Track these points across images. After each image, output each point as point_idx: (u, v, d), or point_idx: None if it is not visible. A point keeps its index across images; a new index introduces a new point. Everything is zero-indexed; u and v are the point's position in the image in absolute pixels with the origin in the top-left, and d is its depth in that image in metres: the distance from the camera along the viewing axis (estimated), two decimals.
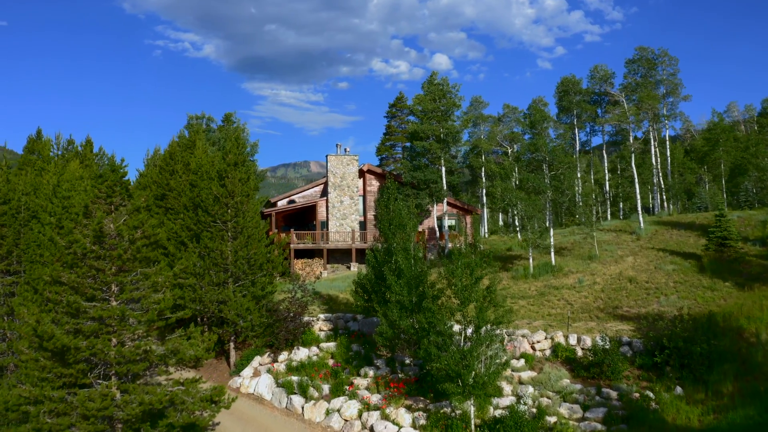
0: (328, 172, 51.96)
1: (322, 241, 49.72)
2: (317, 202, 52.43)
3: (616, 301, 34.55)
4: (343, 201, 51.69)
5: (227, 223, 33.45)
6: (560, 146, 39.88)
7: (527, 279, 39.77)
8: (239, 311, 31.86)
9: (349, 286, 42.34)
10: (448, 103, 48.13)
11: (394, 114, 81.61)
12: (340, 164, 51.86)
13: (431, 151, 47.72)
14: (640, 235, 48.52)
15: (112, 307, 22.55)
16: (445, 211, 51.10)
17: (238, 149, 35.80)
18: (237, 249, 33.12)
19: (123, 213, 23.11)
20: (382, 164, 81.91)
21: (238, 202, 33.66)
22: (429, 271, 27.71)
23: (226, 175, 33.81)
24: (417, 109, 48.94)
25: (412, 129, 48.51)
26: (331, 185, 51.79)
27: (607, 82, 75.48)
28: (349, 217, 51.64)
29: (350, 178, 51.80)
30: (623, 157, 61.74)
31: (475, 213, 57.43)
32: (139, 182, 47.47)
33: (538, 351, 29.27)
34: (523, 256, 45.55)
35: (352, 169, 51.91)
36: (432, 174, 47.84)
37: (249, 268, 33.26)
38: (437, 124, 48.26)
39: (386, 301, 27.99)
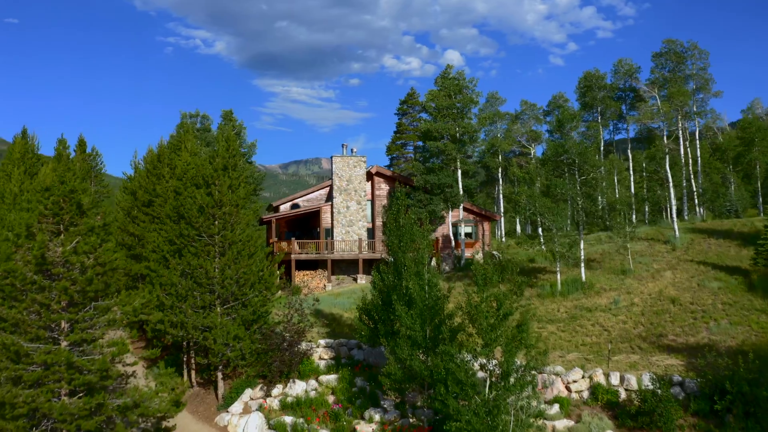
0: (334, 175, 47.69)
1: (326, 250, 45.48)
2: (321, 208, 48.19)
3: (659, 328, 30.07)
4: (349, 206, 47.43)
5: (214, 236, 29.25)
6: (591, 148, 35.37)
7: (554, 297, 35.35)
8: (226, 340, 27.67)
9: (354, 303, 38.08)
10: (464, 99, 43.72)
11: (406, 111, 77.22)
12: (346, 166, 47.59)
13: (446, 152, 43.33)
14: (676, 245, 43.95)
15: (59, 350, 18.39)
16: (462, 218, 46.71)
17: (229, 151, 31.62)
18: (225, 267, 28.93)
19: (74, 234, 18.94)
20: (393, 164, 77.55)
21: (226, 213, 29.45)
22: (446, 297, 23.36)
23: (213, 182, 29.60)
24: (430, 106, 44.54)
25: (424, 128, 44.14)
26: (337, 189, 47.54)
27: (632, 77, 70.86)
28: (356, 224, 47.38)
29: (357, 181, 47.52)
30: (653, 157, 57.06)
31: (493, 219, 53.02)
32: (126, 186, 43.49)
33: (575, 393, 24.86)
34: (548, 269, 41.11)
35: (360, 172, 47.62)
36: (447, 177, 43.47)
37: (239, 288, 29.05)
38: (452, 123, 43.86)
39: (394, 333, 23.70)
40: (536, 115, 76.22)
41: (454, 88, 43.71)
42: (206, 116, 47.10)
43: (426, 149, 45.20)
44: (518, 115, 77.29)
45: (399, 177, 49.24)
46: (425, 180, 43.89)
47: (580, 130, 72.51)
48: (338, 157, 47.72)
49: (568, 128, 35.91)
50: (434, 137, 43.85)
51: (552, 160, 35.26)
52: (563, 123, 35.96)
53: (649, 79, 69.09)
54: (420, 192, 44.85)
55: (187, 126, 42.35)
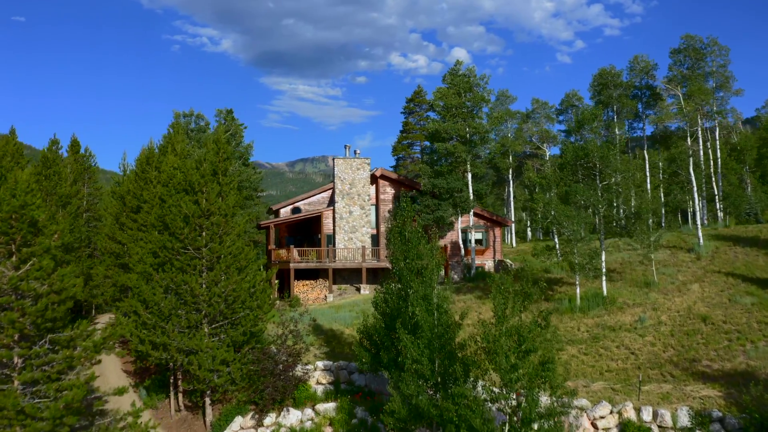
0: (335, 178, 44.97)
1: (327, 259, 42.77)
2: (322, 213, 45.48)
3: (691, 351, 27.24)
4: (352, 211, 44.70)
5: (201, 249, 26.57)
6: (614, 151, 32.48)
7: (573, 314, 32.56)
8: (212, 365, 24.99)
9: (357, 317, 35.37)
10: (475, 98, 40.88)
11: (412, 110, 74.47)
12: (348, 169, 44.86)
13: (455, 154, 40.50)
14: (700, 253, 41.09)
15: (8, 391, 15.75)
16: (471, 224, 43.92)
17: (219, 155, 28.95)
18: (212, 283, 26.24)
19: (26, 255, 16.28)
20: (399, 165, 74.75)
21: (215, 223, 26.76)
22: (459, 325, 20.58)
23: (200, 189, 26.91)
24: (438, 104, 41.72)
25: (432, 128, 41.33)
26: (339, 193, 44.81)
27: (649, 74, 67.91)
28: (360, 230, 44.65)
29: (361, 184, 44.78)
30: (672, 159, 54.13)
31: (504, 225, 50.23)
32: (114, 191, 40.94)
33: (602, 430, 22.09)
34: (564, 280, 38.32)
35: (363, 175, 44.88)
36: (456, 181, 40.65)
37: (227, 306, 26.36)
38: (462, 123, 41.05)
39: (399, 365, 20.96)
40: (548, 114, 73.36)
41: (464, 86, 40.86)
42: (201, 116, 44.52)
43: (434, 151, 42.40)
44: (529, 114, 74.42)
45: (405, 180, 46.50)
46: (433, 184, 41.10)
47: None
48: (340, 159, 45.02)
49: (588, 129, 33.07)
50: (443, 138, 41.04)
51: (571, 164, 32.43)
52: (583, 123, 33.13)
53: (667, 77, 66.04)
54: (427, 197, 42.08)
55: (178, 126, 39.65)
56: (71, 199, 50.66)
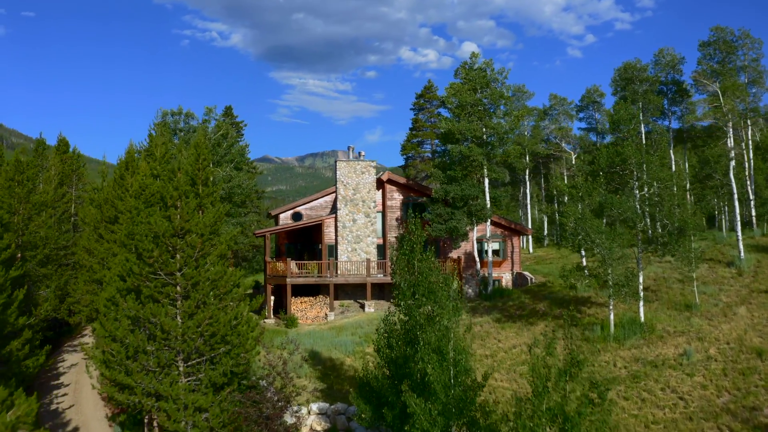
0: (338, 183, 40.93)
1: (328, 272, 38.73)
2: (323, 221, 41.46)
3: (750, 396, 23.09)
4: (356, 219, 40.66)
5: (174, 274, 22.59)
6: (656, 156, 28.25)
7: (607, 343, 28.44)
8: (184, 416, 21.05)
9: (359, 345, 31.41)
10: (492, 95, 36.68)
11: (422, 106, 70.28)
12: (352, 173, 40.80)
13: (470, 157, 36.29)
14: (741, 268, 36.90)
15: None
16: (488, 233, 39.78)
17: (199, 162, 25.01)
18: (187, 315, 22.28)
19: None
20: (408, 165, 70.62)
21: (190, 244, 22.78)
22: (481, 386, 16.49)
23: (174, 203, 22.91)
24: (451, 102, 37.49)
25: (445, 128, 37.11)
26: (341, 199, 40.77)
27: (675, 68, 63.45)
28: (364, 240, 40.62)
29: (365, 190, 40.72)
30: (706, 161, 49.87)
31: (524, 233, 46.07)
32: (92, 198, 37.16)
33: None
34: (593, 300, 34.19)
35: (368, 179, 40.81)
36: (471, 188, 36.50)
37: (205, 342, 22.40)
38: (478, 122, 36.88)
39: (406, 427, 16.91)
40: (567, 111, 69.03)
41: (480, 81, 36.66)
42: (191, 114, 40.51)
43: (446, 153, 38.22)
44: (546, 111, 70.11)
45: (414, 186, 42.36)
46: (445, 191, 36.95)
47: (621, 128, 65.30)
48: (343, 162, 40.97)
49: (626, 131, 28.86)
50: (456, 139, 36.84)
51: (605, 171, 28.25)
52: (619, 124, 28.90)
53: (697, 71, 61.63)
54: (439, 205, 37.93)
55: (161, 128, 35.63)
56: (57, 203, 47.08)
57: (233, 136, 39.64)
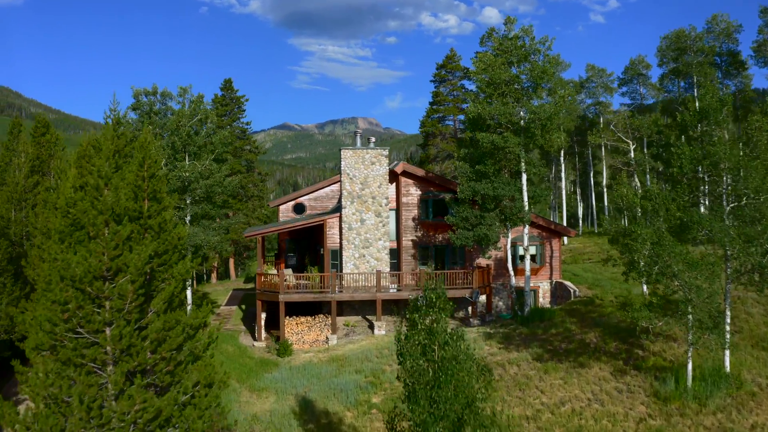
0: (342, 175, 34.14)
1: (329, 288, 32.08)
2: (325, 221, 34.76)
3: None
4: (364, 220, 33.94)
5: (100, 333, 16.10)
6: (759, 157, 21.06)
7: (684, 401, 21.65)
8: None
9: (364, 391, 24.88)
10: (533, 70, 29.36)
11: (444, 78, 62.80)
12: (360, 163, 33.95)
13: (506, 149, 29.15)
14: None
15: None
16: (525, 236, 32.79)
17: (143, 170, 18.38)
18: (122, 397, 15.81)
19: None
20: (428, 144, 63.46)
21: (121, 293, 16.20)
22: None
23: (96, 234, 16.29)
24: (481, 78, 30.15)
25: (473, 112, 29.81)
26: (347, 195, 34.00)
27: (731, 37, 55.48)
28: (374, 245, 33.93)
29: (376, 184, 33.90)
30: None
31: (566, 235, 39.09)
32: (46, 200, 30.85)
33: None
34: (657, 330, 27.25)
35: (379, 171, 33.95)
36: (505, 187, 29.45)
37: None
38: (515, 104, 29.71)
39: None
40: (605, 83, 61.34)
41: (518, 53, 29.39)
42: (168, 94, 33.53)
43: (474, 143, 31.00)
44: (583, 83, 62.49)
45: (435, 179, 35.35)
46: (473, 189, 29.90)
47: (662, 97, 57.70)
48: (348, 150, 34.06)
49: (713, 122, 21.66)
50: (487, 126, 29.69)
51: (688, 177, 21.17)
52: (706, 115, 21.69)
53: (757, 41, 53.72)
54: (466, 207, 30.93)
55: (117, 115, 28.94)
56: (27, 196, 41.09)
57: (214, 121, 32.80)
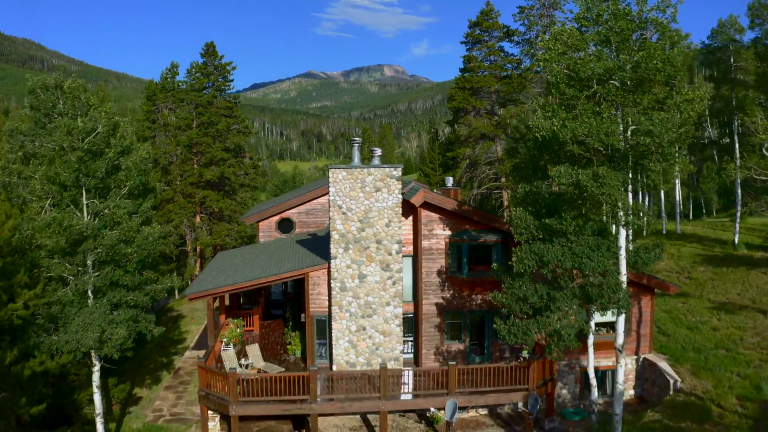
0: (332, 208, 22.39)
1: (309, 396, 20.65)
2: (307, 274, 23.20)
3: None
4: (365, 275, 22.37)
5: None
6: None
7: None
8: None
9: None
10: (650, 58, 16.80)
11: (478, 39, 50.02)
12: (358, 190, 22.21)
13: (601, 193, 16.58)
14: None
15: None
16: (621, 332, 20.77)
17: None
18: None
19: None
20: (458, 121, 51.08)
21: None
22: None
23: None
24: (559, 72, 17.32)
25: (543, 130, 16.91)
26: (339, 239, 22.33)
27: None
28: (379, 312, 22.45)
29: (382, 221, 22.18)
30: None
31: (663, 291, 26.83)
32: None
33: None
34: None
35: (387, 201, 22.16)
36: (593, 255, 17.24)
37: None
38: (616, 115, 17.14)
39: None
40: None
41: (623, 26, 16.88)
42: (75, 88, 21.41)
43: (536, 171, 18.61)
44: None
45: (474, 213, 23.24)
46: (539, 257, 17.74)
47: None
48: (339, 170, 22.23)
49: None
50: (567, 154, 17.10)
51: None
52: None
53: None
54: (525, 281, 18.79)
55: None
56: None
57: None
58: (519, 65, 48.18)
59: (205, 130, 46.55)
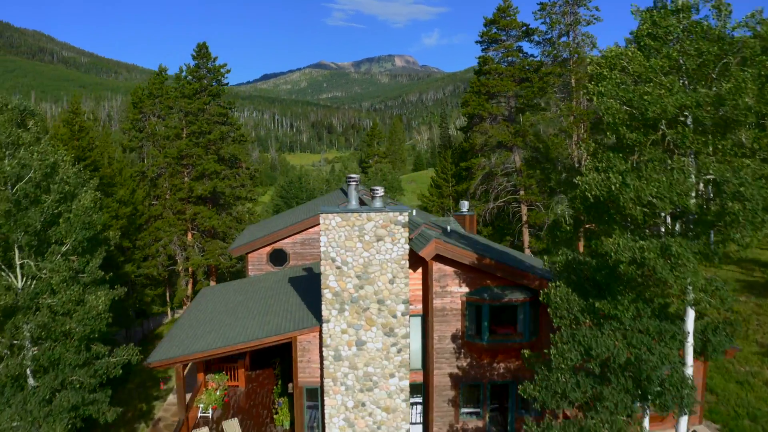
0: (323, 260, 18.39)
1: None
2: (294, 338, 19.30)
3: None
4: (363, 341, 18.40)
5: None
6: None
7: None
8: None
9: None
10: (736, 90, 13.01)
11: (494, 38, 45.76)
12: (355, 240, 18.19)
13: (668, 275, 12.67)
14: None
15: None
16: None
17: None
18: None
19: None
20: (471, 129, 46.94)
21: None
22: None
23: None
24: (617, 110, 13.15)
25: (597, 189, 12.91)
26: (332, 299, 18.36)
27: None
28: (381, 385, 18.49)
29: (385, 277, 18.19)
30: None
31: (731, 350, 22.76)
32: None
33: None
34: None
35: (392, 253, 18.14)
36: (655, 351, 13.25)
37: None
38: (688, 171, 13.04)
39: None
40: None
41: (699, 46, 13.00)
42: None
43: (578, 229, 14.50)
44: None
45: (497, 268, 19.16)
46: (584, 348, 13.65)
47: None
48: (333, 216, 18.22)
49: None
50: (625, 218, 12.85)
51: None
52: None
53: None
54: (570, 343, 14.63)
55: None
56: None
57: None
58: (540, 67, 43.91)
59: (195, 140, 42.61)
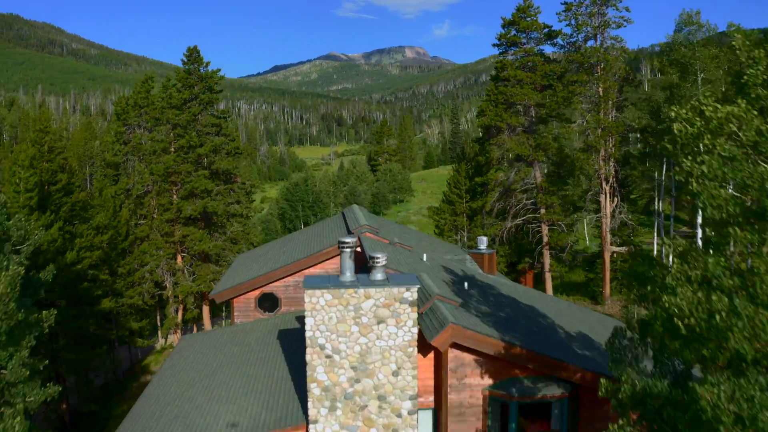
0: (309, 349, 14.54)
1: None
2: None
3: None
4: None
5: None
6: None
7: None
8: None
9: None
10: None
11: (513, 41, 41.65)
12: (348, 322, 14.30)
13: None
14: None
15: None
16: None
17: None
18: None
19: None
20: (488, 142, 42.92)
21: None
22: None
23: None
24: (709, 187, 9.57)
25: (681, 306, 9.45)
26: (319, 394, 14.49)
27: None
28: None
29: (387, 366, 14.31)
30: None
31: None
32: None
33: None
34: None
35: (397, 339, 14.24)
36: None
37: None
38: None
39: None
40: None
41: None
42: None
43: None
44: None
45: (529, 358, 15.23)
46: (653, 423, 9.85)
47: None
48: (322, 292, 14.34)
49: None
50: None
51: None
52: None
53: None
54: None
55: None
56: None
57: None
58: (564, 74, 39.79)
59: (184, 155, 38.78)
